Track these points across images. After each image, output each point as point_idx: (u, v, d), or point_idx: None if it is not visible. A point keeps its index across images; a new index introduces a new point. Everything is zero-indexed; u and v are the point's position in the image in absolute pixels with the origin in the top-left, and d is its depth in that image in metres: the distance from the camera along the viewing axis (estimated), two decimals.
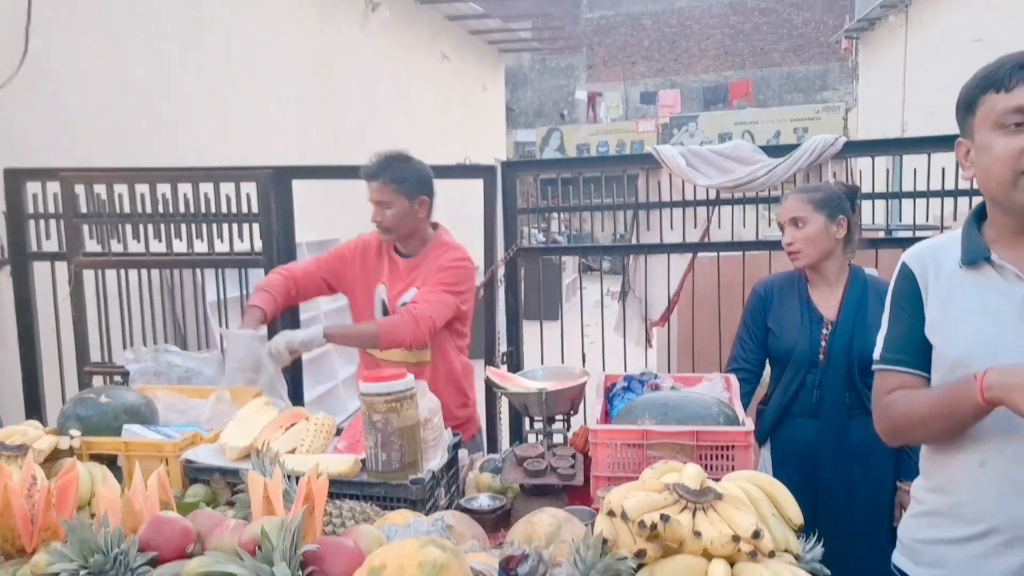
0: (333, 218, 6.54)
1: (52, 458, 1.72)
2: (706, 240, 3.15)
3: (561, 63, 24.23)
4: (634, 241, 3.24)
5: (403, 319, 2.40)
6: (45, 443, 1.66)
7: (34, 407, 3.50)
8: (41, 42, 3.70)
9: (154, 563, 1.23)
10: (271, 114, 5.94)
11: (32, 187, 3.50)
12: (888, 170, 3.16)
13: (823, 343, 2.24)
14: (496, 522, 1.87)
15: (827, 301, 2.28)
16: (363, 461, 1.78)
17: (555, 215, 4.47)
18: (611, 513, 1.23)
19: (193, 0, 5.08)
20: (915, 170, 2.93)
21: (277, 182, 3.31)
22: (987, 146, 1.32)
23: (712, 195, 3.11)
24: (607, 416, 2.09)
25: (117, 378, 3.22)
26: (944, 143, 2.93)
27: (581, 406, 2.21)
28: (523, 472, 1.89)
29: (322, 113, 6.84)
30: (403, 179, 2.50)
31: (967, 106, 1.36)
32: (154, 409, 2.05)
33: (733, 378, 2.17)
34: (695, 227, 3.14)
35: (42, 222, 3.51)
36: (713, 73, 23.40)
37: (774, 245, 3.10)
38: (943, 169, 2.93)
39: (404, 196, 2.50)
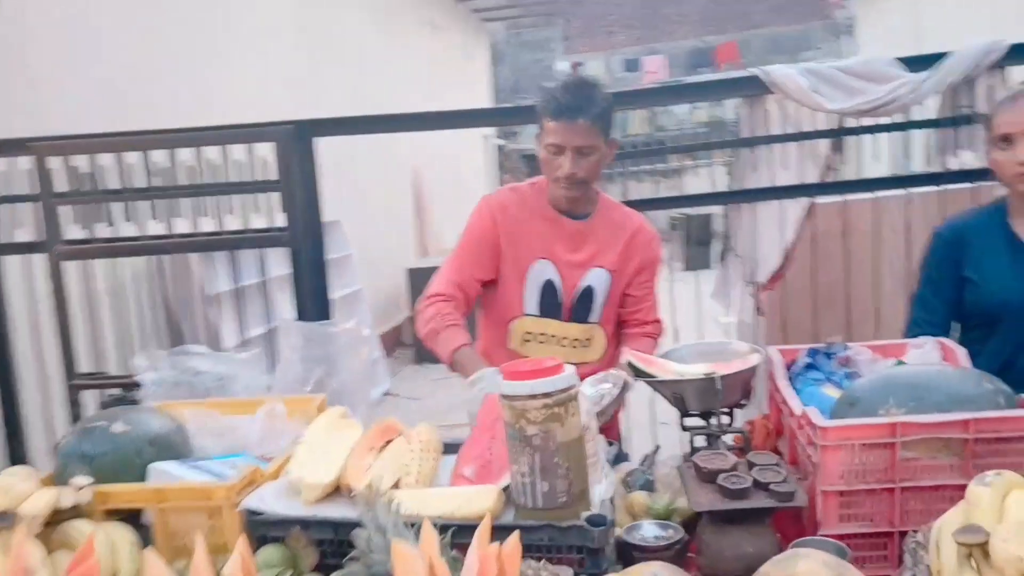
0: (337, 198, 5.92)
1: (52, 521, 1.15)
2: (830, 179, 2.60)
3: (537, 36, 23.50)
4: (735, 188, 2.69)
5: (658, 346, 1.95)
6: (38, 505, 1.09)
7: (14, 432, 2.89)
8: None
9: None
10: (258, 79, 5.30)
11: None
12: None
13: None
14: (673, 560, 1.34)
15: None
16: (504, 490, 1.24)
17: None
18: None
19: None
20: None
21: (297, 141, 2.72)
22: None
23: (833, 124, 2.57)
24: None
25: (114, 391, 2.69)
26: None
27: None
28: (719, 492, 1.35)
29: (315, 80, 6.21)
30: (607, 116, 1.86)
31: None
32: (185, 435, 1.48)
33: (951, 343, 1.65)
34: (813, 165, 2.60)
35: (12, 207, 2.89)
36: (694, 39, 22.79)
37: (920, 181, 2.58)
38: None
39: (604, 139, 1.87)
